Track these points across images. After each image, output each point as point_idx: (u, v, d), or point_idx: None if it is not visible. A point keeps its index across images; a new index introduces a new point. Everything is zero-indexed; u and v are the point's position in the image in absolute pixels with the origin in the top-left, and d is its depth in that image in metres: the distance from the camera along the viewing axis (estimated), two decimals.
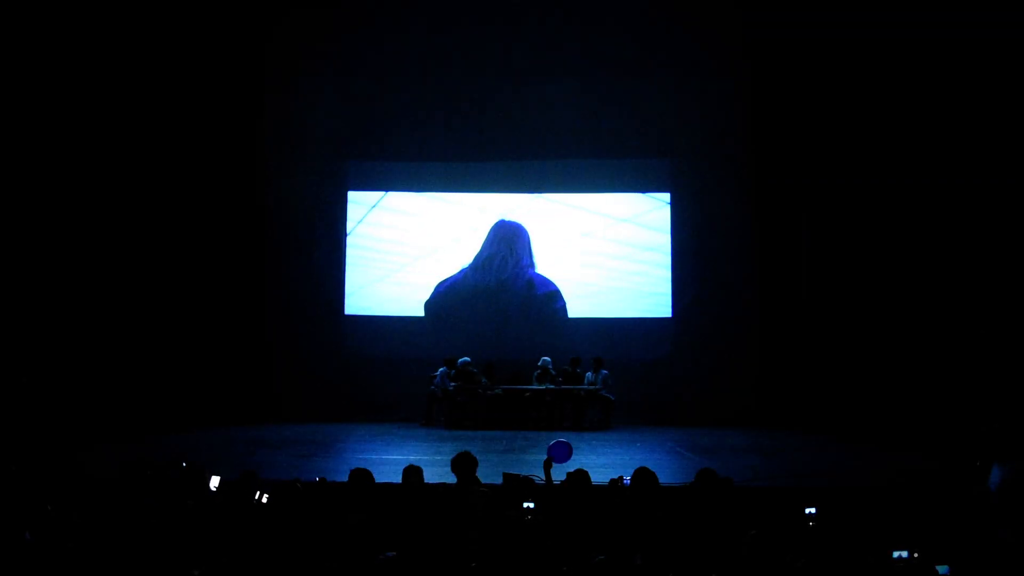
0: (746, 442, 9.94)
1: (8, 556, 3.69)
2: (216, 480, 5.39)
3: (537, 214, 12.88)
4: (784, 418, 11.45)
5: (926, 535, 4.37)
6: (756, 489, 6.67)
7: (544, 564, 3.76)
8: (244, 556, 4.06)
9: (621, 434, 10.76)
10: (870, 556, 3.77)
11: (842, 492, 6.41)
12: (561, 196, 12.87)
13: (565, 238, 12.79)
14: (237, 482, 5.17)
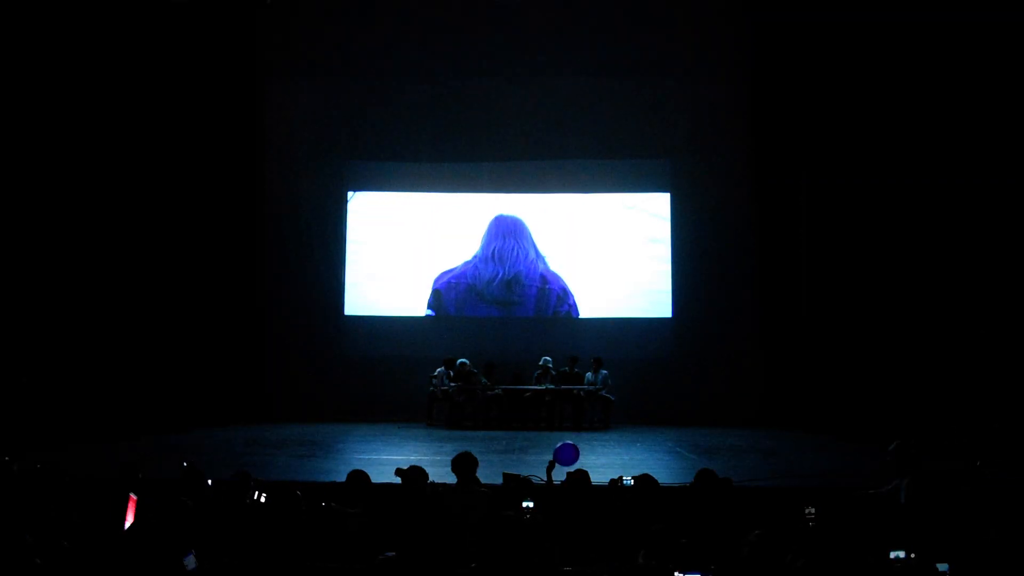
0: (746, 442, 9.94)
1: (9, 557, 3.69)
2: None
3: (537, 214, 12.89)
4: (784, 418, 11.46)
5: (926, 535, 4.36)
6: (756, 489, 6.67)
7: (544, 564, 3.76)
8: (244, 556, 4.06)
9: (621, 434, 10.76)
10: (870, 556, 3.76)
11: (842, 492, 6.39)
12: (561, 196, 12.89)
13: (565, 238, 12.79)
14: (232, 482, 5.15)
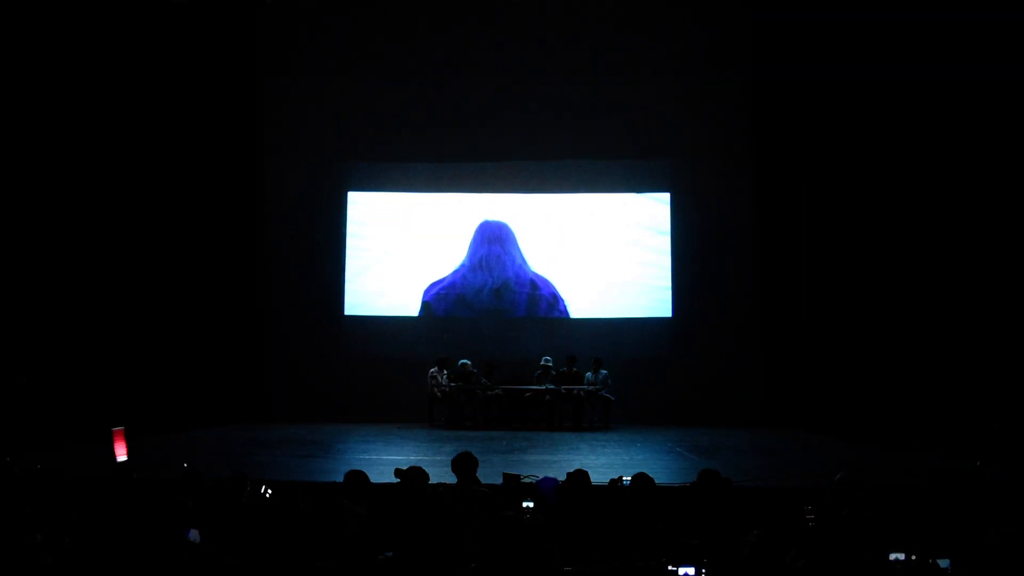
0: (746, 442, 9.94)
1: (20, 557, 3.69)
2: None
3: (537, 214, 12.89)
4: (784, 418, 11.47)
5: (925, 534, 4.36)
6: (756, 489, 6.66)
7: (544, 564, 3.76)
8: (244, 556, 4.06)
9: (621, 434, 10.76)
10: (870, 556, 3.76)
11: (842, 492, 6.39)
12: (561, 196, 12.88)
13: (565, 238, 12.79)
14: (230, 481, 5.15)
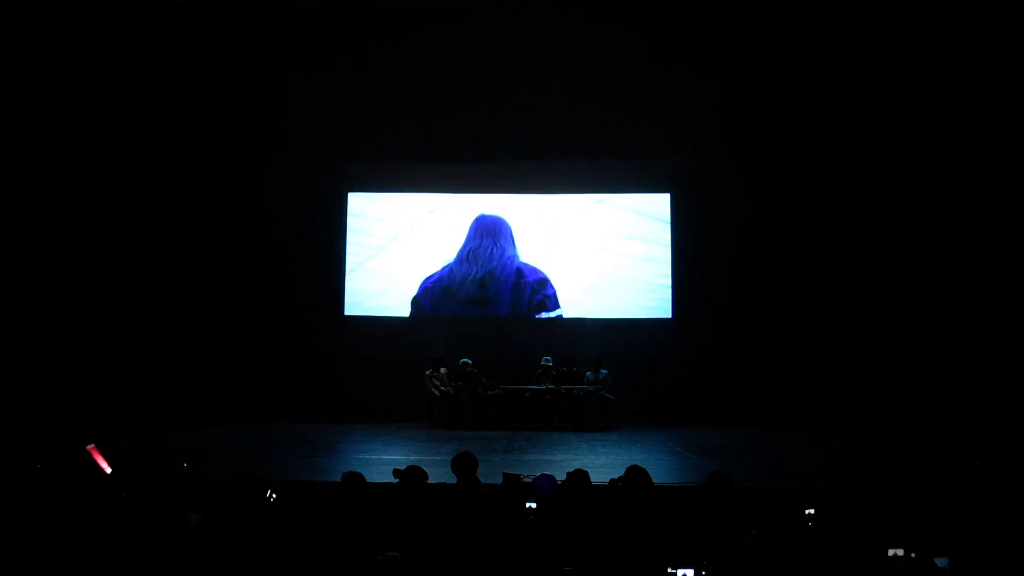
0: (746, 442, 9.94)
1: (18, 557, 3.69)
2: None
3: (537, 214, 12.89)
4: (784, 418, 11.47)
5: (924, 533, 4.36)
6: (756, 489, 6.66)
7: (544, 564, 3.76)
8: (244, 555, 4.06)
9: (621, 434, 10.76)
10: (869, 555, 3.76)
11: (842, 492, 6.39)
12: (561, 196, 12.89)
13: (565, 238, 12.79)
14: (233, 482, 5.15)
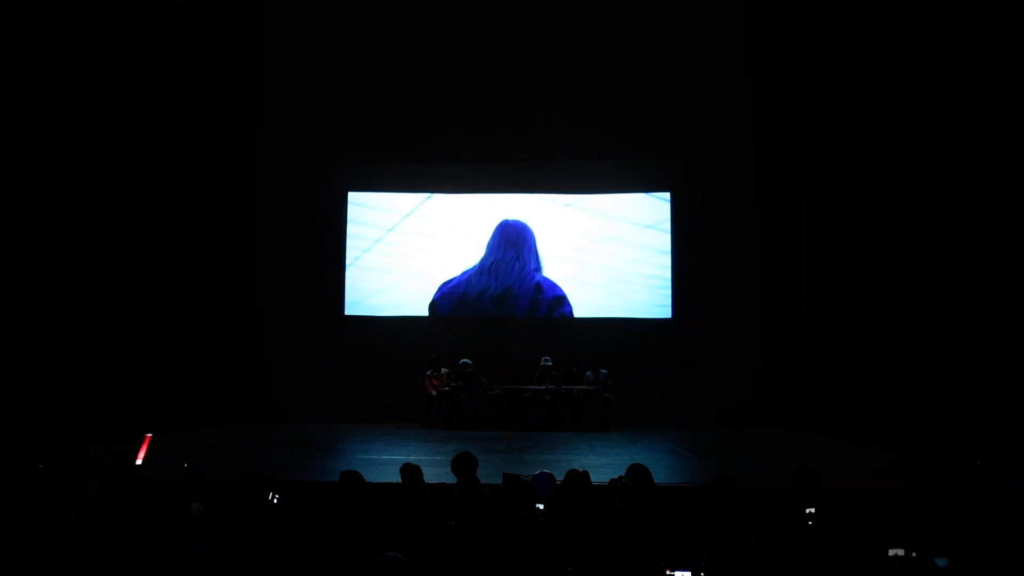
0: (746, 442, 9.94)
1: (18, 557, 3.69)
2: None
3: (537, 214, 12.88)
4: (784, 418, 11.46)
5: (924, 533, 4.36)
6: (756, 489, 6.66)
7: (545, 564, 3.76)
8: (244, 555, 4.06)
9: (621, 434, 10.76)
10: (869, 555, 3.77)
11: (842, 492, 6.39)
12: (561, 196, 12.88)
13: (565, 238, 12.79)
14: (236, 483, 5.15)
